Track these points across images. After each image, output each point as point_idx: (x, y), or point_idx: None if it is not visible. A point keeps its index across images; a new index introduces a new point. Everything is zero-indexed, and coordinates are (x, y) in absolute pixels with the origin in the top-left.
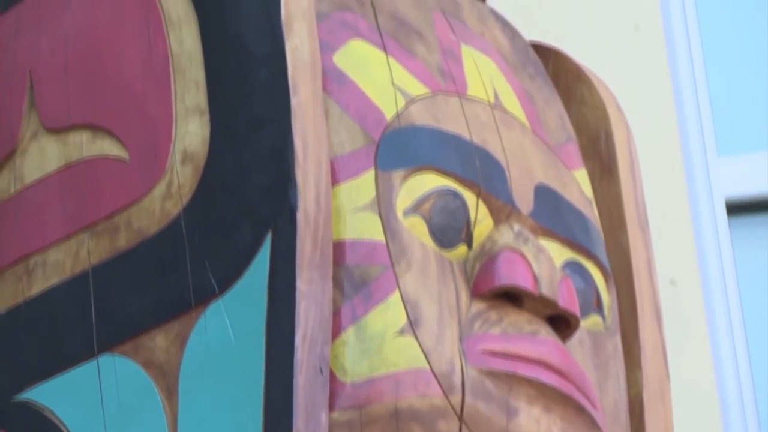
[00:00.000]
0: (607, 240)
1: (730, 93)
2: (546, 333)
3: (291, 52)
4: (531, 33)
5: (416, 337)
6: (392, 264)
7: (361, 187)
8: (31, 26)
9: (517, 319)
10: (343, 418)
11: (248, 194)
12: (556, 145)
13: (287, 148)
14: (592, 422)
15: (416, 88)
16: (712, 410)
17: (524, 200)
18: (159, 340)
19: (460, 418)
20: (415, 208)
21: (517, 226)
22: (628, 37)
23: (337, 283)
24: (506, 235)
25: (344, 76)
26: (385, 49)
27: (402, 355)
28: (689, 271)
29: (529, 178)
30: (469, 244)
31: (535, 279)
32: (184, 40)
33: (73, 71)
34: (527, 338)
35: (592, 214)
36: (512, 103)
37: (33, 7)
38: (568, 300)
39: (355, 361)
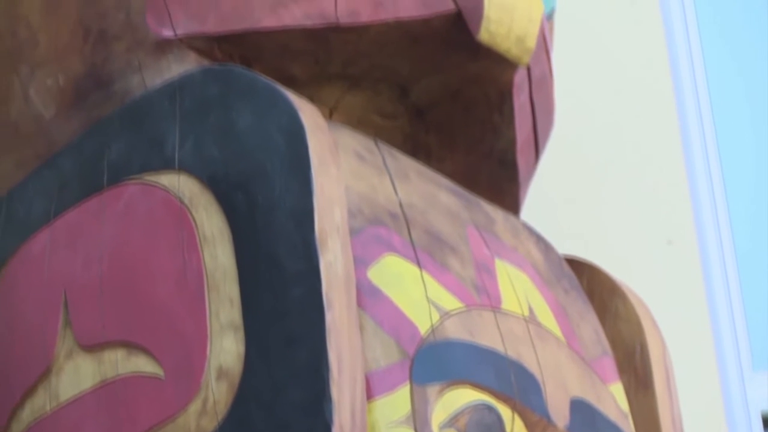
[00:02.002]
0: None
1: (765, 308)
2: None
3: (325, 269)
4: (565, 247)
5: None
6: None
7: (397, 402)
8: (66, 245)
9: None
10: None
11: (284, 410)
12: (592, 359)
13: (322, 364)
14: None
15: (450, 302)
16: None
17: (560, 414)
18: None
19: None
20: (450, 423)
21: None
22: (662, 252)
23: None
24: None
25: (378, 291)
26: (419, 264)
27: None
28: None
29: (564, 392)
30: None
31: None
32: (218, 257)
33: (107, 289)
34: None
35: (629, 428)
36: (547, 317)
37: (67, 225)
38: None
39: None
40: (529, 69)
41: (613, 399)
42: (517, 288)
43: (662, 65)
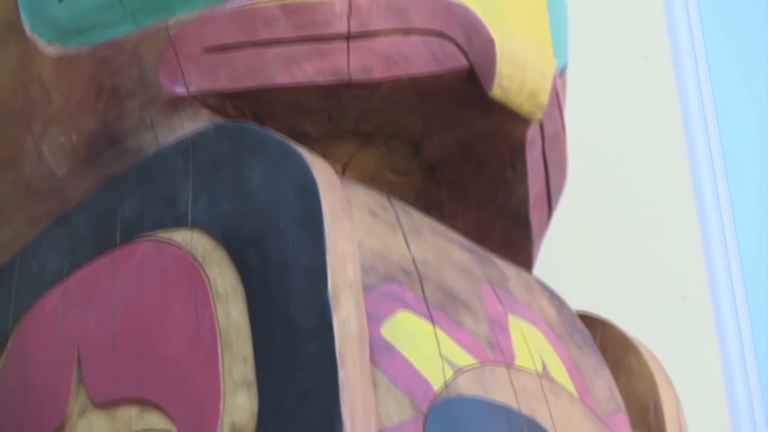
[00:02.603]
0: None
1: None
2: None
3: (338, 325)
4: (579, 303)
5: None
6: None
7: None
8: (79, 302)
9: None
10: None
11: None
12: (605, 415)
13: (335, 421)
14: None
15: (464, 358)
16: None
17: None
18: None
19: None
20: None
21: None
22: (676, 308)
23: None
24: None
25: (392, 347)
26: (432, 321)
27: None
28: None
29: None
30: None
31: None
32: (232, 314)
33: (121, 346)
34: None
35: None
36: (560, 373)
37: (80, 283)
38: None
39: None
40: (541, 125)
41: None
42: (531, 344)
43: (675, 121)
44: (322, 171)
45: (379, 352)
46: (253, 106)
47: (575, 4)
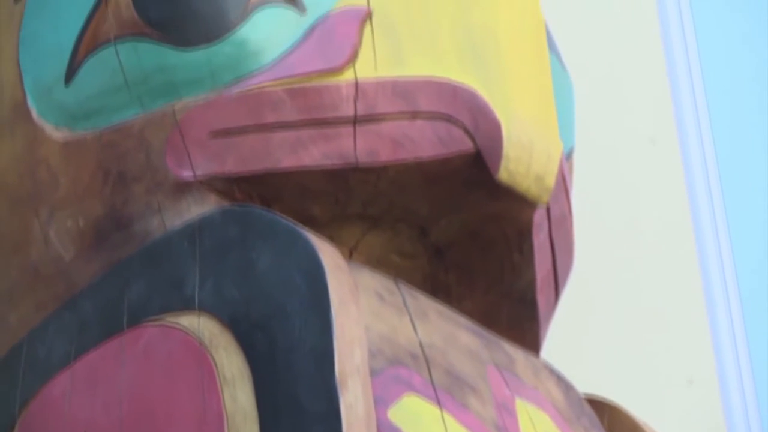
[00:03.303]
0: None
1: None
2: None
3: (345, 410)
4: (584, 386)
5: None
6: None
7: None
8: (86, 387)
9: None
10: None
11: None
12: None
13: None
14: None
15: None
16: None
17: None
18: None
19: None
20: None
21: None
22: (683, 392)
23: None
24: None
25: (399, 431)
26: (439, 404)
27: None
28: None
29: None
30: None
31: None
32: (239, 398)
33: (128, 431)
34: None
35: None
36: None
37: (87, 368)
38: None
39: None
40: (548, 208)
41: None
42: (538, 427)
43: (682, 204)
44: (329, 255)
45: None
46: (260, 189)
47: (582, 88)
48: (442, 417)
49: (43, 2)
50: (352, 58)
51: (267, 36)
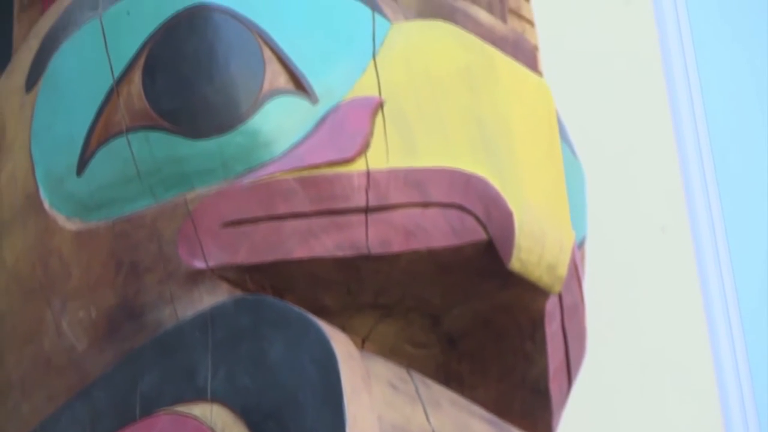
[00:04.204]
0: None
1: None
2: None
3: None
4: None
5: None
6: None
7: None
8: None
9: None
10: None
11: None
12: None
13: None
14: None
15: None
16: None
17: None
18: None
19: None
20: None
21: None
22: None
23: None
24: None
25: None
26: None
27: None
28: None
29: None
30: None
31: None
32: None
33: None
34: None
35: None
36: None
37: None
38: None
39: None
40: (560, 297)
41: None
42: None
43: (694, 291)
44: (341, 344)
45: None
46: (272, 279)
47: (593, 175)
48: None
49: (55, 92)
50: (364, 147)
51: (279, 126)
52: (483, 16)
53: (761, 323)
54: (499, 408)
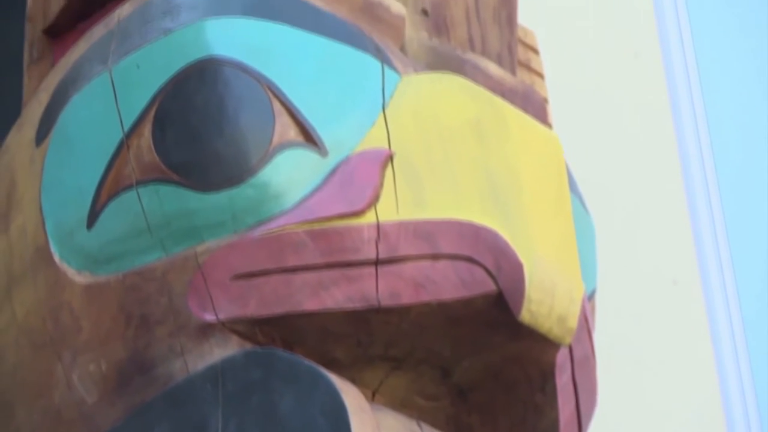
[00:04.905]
0: None
1: None
2: None
3: None
4: None
5: None
6: None
7: None
8: None
9: None
10: None
11: None
12: None
13: None
14: None
15: None
16: None
17: None
18: None
19: None
20: None
21: None
22: None
23: None
24: None
25: None
26: None
27: None
28: None
29: None
30: None
31: None
32: None
33: None
34: None
35: None
36: None
37: None
38: None
39: None
40: (571, 349)
41: None
42: None
43: (705, 346)
44: (351, 396)
45: None
46: (282, 332)
47: (603, 228)
48: None
49: (66, 146)
50: (374, 200)
51: (289, 178)
52: (492, 68)
53: None
54: None
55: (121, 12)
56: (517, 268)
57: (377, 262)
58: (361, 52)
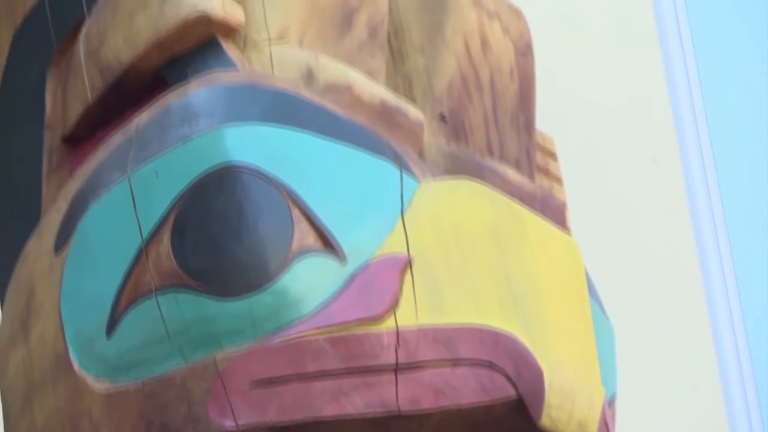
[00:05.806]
0: None
1: None
2: None
3: None
4: None
5: None
6: None
7: None
8: None
9: None
10: None
11: None
12: None
13: None
14: None
15: None
16: None
17: None
18: None
19: None
20: None
21: None
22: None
23: None
24: None
25: None
26: None
27: None
28: None
29: None
30: None
31: None
32: None
33: None
34: None
35: None
36: None
37: None
38: None
39: None
40: None
41: None
42: None
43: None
44: None
45: None
46: None
47: (623, 336)
48: None
49: (85, 254)
50: (393, 306)
51: (307, 285)
52: (510, 173)
53: None
54: None
55: (140, 119)
56: (537, 374)
57: (397, 368)
58: (379, 158)
